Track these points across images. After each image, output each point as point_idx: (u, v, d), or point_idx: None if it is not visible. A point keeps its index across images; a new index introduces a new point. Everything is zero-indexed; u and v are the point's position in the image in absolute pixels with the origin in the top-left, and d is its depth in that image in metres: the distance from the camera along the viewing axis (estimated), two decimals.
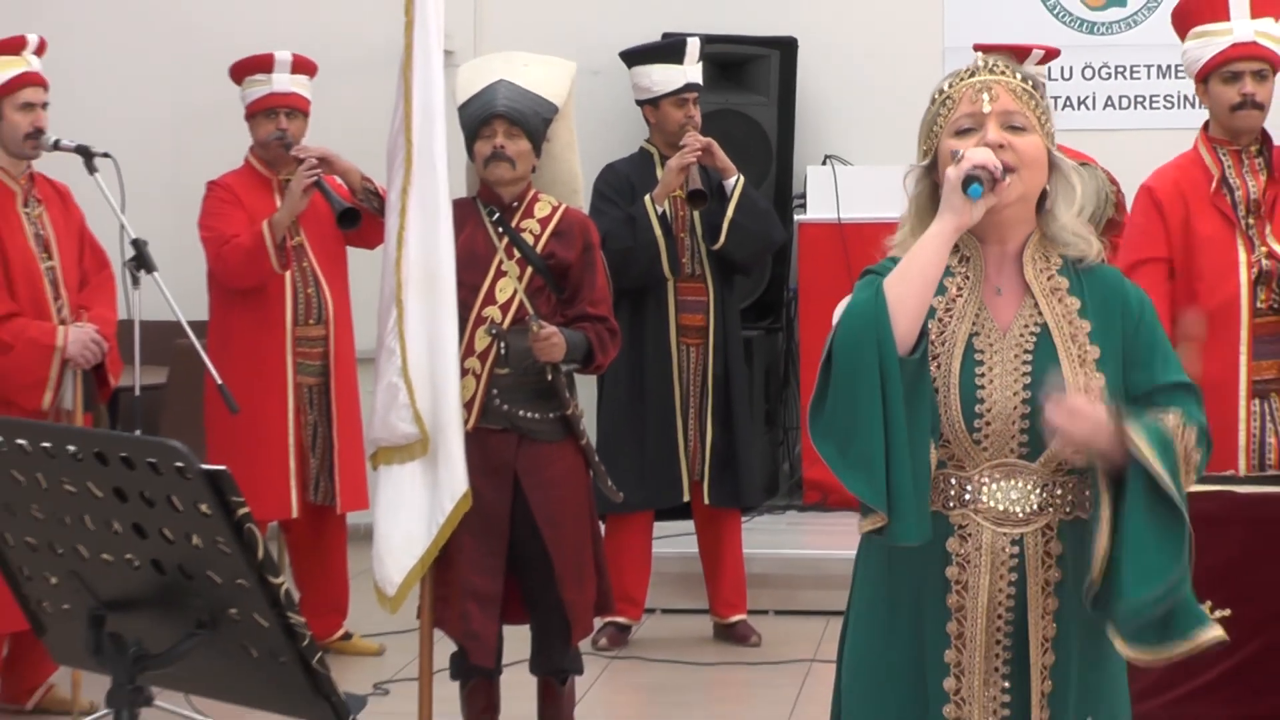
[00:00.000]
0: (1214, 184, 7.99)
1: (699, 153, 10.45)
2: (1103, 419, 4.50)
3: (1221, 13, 8.02)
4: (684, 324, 10.69)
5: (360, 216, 10.07)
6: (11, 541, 4.23)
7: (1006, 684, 4.67)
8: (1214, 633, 4.67)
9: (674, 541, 11.31)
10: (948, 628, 4.67)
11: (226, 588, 3.97)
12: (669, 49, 10.88)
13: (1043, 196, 4.73)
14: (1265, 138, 8.02)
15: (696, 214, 10.57)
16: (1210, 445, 4.74)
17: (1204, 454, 4.69)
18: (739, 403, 10.81)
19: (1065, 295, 4.70)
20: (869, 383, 4.47)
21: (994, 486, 4.64)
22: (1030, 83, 4.75)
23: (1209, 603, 6.91)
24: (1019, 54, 10.57)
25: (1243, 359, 7.93)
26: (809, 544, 11.93)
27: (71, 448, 3.98)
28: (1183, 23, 8.19)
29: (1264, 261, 7.86)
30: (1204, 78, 8.03)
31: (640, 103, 10.84)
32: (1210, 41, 8.03)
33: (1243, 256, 7.90)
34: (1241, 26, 7.99)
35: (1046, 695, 4.65)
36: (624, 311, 10.16)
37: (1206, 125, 8.09)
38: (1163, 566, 4.53)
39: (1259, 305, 7.88)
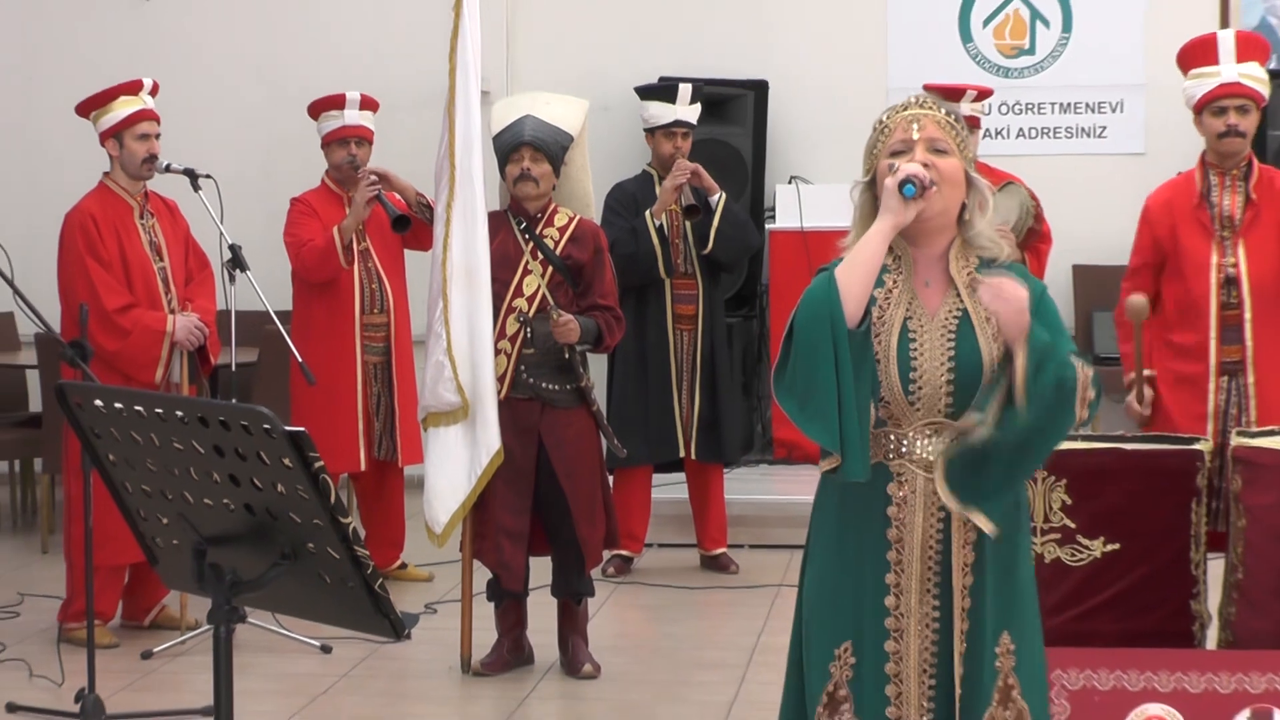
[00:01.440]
0: (1197, 199, 8.01)
1: (688, 176, 10.47)
2: (1024, 302, 4.54)
3: (1213, 58, 8.07)
4: (678, 313, 10.70)
5: (410, 222, 10.11)
6: (131, 489, 4.24)
7: (935, 601, 4.67)
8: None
9: (669, 489, 11.28)
10: (888, 556, 4.68)
11: (305, 526, 3.98)
12: (665, 90, 10.88)
13: (963, 209, 4.74)
14: (1251, 163, 8.05)
15: (689, 227, 10.57)
16: (1101, 392, 4.75)
17: (1097, 394, 4.69)
18: (722, 377, 10.81)
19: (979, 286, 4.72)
20: (824, 350, 4.50)
21: (925, 441, 4.66)
22: (952, 116, 4.77)
23: (1101, 538, 6.96)
24: (957, 93, 10.58)
25: (1212, 344, 7.96)
26: (778, 491, 11.91)
27: (179, 413, 3.99)
28: (1184, 65, 8.23)
29: (1230, 269, 7.89)
30: (1198, 110, 8.07)
31: (646, 130, 10.85)
32: (1203, 81, 8.06)
33: (1214, 261, 7.93)
34: (1229, 69, 8.03)
35: (966, 610, 4.65)
36: (629, 302, 10.15)
37: (1204, 152, 8.12)
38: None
39: (1227, 301, 7.92)
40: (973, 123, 10.62)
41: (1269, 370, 7.93)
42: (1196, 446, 7.12)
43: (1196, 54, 8.16)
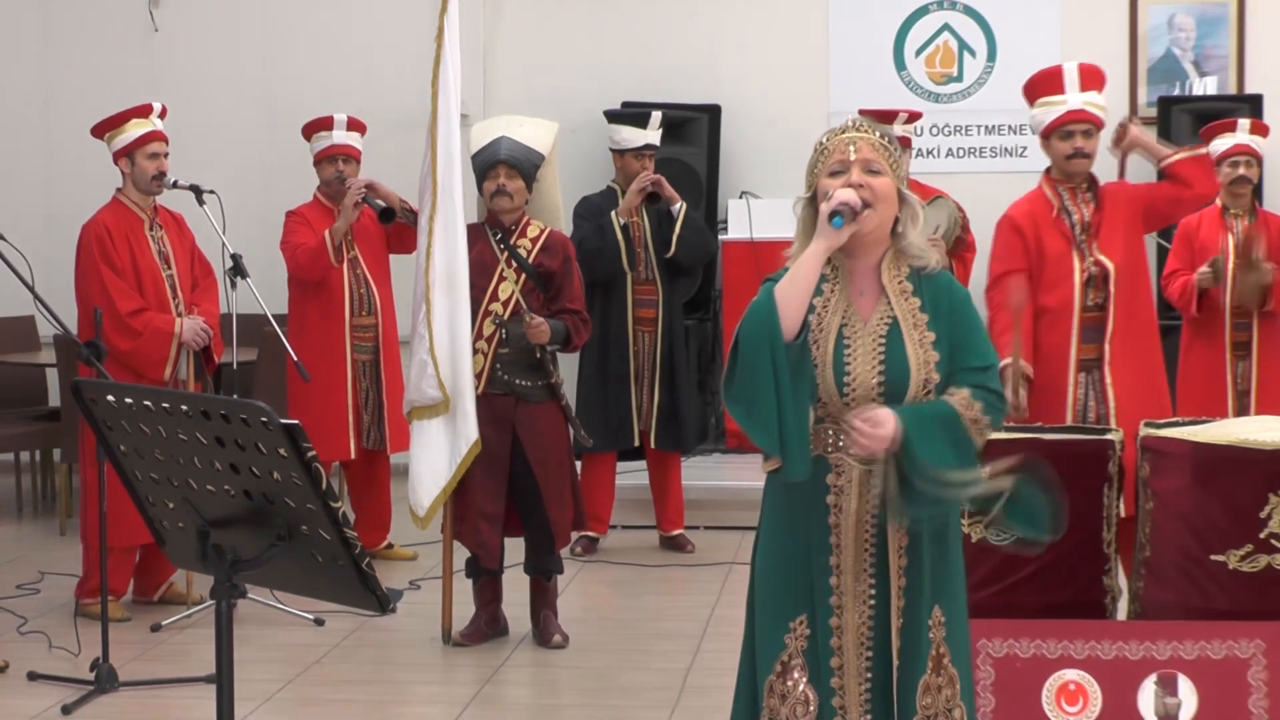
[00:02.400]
0: (1055, 212, 8.03)
1: (653, 181, 10.50)
2: (889, 435, 4.59)
3: (1059, 87, 8.09)
4: (640, 316, 10.70)
5: (395, 215, 10.21)
6: (140, 477, 4.24)
7: (872, 580, 4.68)
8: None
9: (631, 475, 11.27)
10: (829, 540, 4.69)
11: (299, 510, 3.98)
12: (638, 117, 10.91)
13: (896, 222, 4.76)
14: (1093, 178, 8.08)
15: (650, 233, 10.60)
16: (1002, 408, 4.78)
17: (994, 416, 4.76)
18: (680, 373, 10.81)
19: (910, 295, 4.72)
20: (765, 364, 4.51)
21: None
22: (886, 138, 4.78)
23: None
24: (890, 115, 10.62)
25: (1073, 343, 7.98)
26: (730, 477, 11.91)
27: (184, 407, 4.00)
28: (1031, 94, 8.24)
29: (1092, 269, 7.91)
30: (1046, 135, 8.09)
31: (612, 151, 10.86)
32: (1051, 109, 8.08)
33: (1077, 265, 7.95)
34: (1074, 97, 8.05)
35: (902, 588, 4.67)
36: (595, 306, 10.18)
37: (1049, 170, 8.13)
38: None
39: (1088, 303, 7.94)
40: (904, 143, 10.67)
41: (1123, 363, 7.95)
42: (1108, 436, 7.15)
43: (1044, 85, 8.20)
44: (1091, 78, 8.17)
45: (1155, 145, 8.19)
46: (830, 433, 4.69)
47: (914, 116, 11.04)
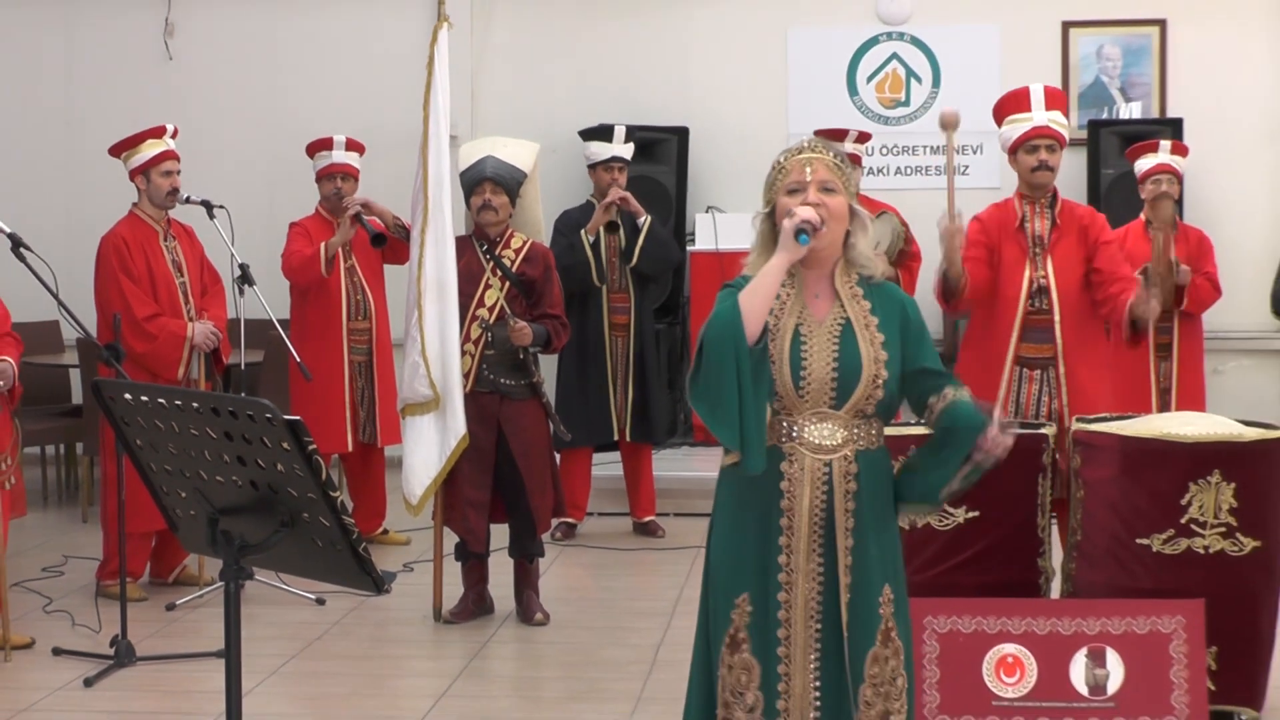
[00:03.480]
0: (1017, 223, 8.04)
1: (620, 200, 10.51)
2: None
3: (1025, 106, 8.09)
4: (614, 321, 10.70)
5: (386, 239, 10.20)
6: (155, 468, 4.24)
7: (821, 560, 4.68)
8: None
9: (606, 466, 11.29)
10: (781, 523, 4.68)
11: (301, 499, 3.97)
12: (604, 131, 10.91)
13: (847, 234, 4.76)
14: (1055, 194, 8.08)
15: (622, 244, 10.61)
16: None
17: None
18: (651, 373, 10.81)
19: (861, 300, 4.73)
20: (729, 365, 4.50)
21: (812, 427, 4.66)
22: (840, 158, 4.78)
23: (964, 507, 6.98)
24: (841, 134, 10.65)
25: (1011, 344, 7.98)
26: (698, 467, 11.90)
27: (195, 405, 3.99)
28: (999, 113, 8.24)
29: (1040, 280, 7.92)
30: (1013, 150, 8.09)
31: (589, 166, 10.87)
32: (1018, 126, 8.08)
33: (1027, 274, 7.95)
34: (1039, 115, 8.05)
35: (849, 567, 4.67)
36: (574, 312, 10.20)
37: (1019, 186, 8.14)
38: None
39: (1031, 307, 7.95)
40: (854, 160, 10.69)
41: (1076, 364, 7.97)
42: (1043, 431, 7.16)
43: (1011, 104, 8.21)
44: (1055, 99, 8.19)
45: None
46: (785, 424, 4.69)
47: (864, 137, 11.07)
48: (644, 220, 10.66)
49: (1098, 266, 7.99)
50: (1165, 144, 10.67)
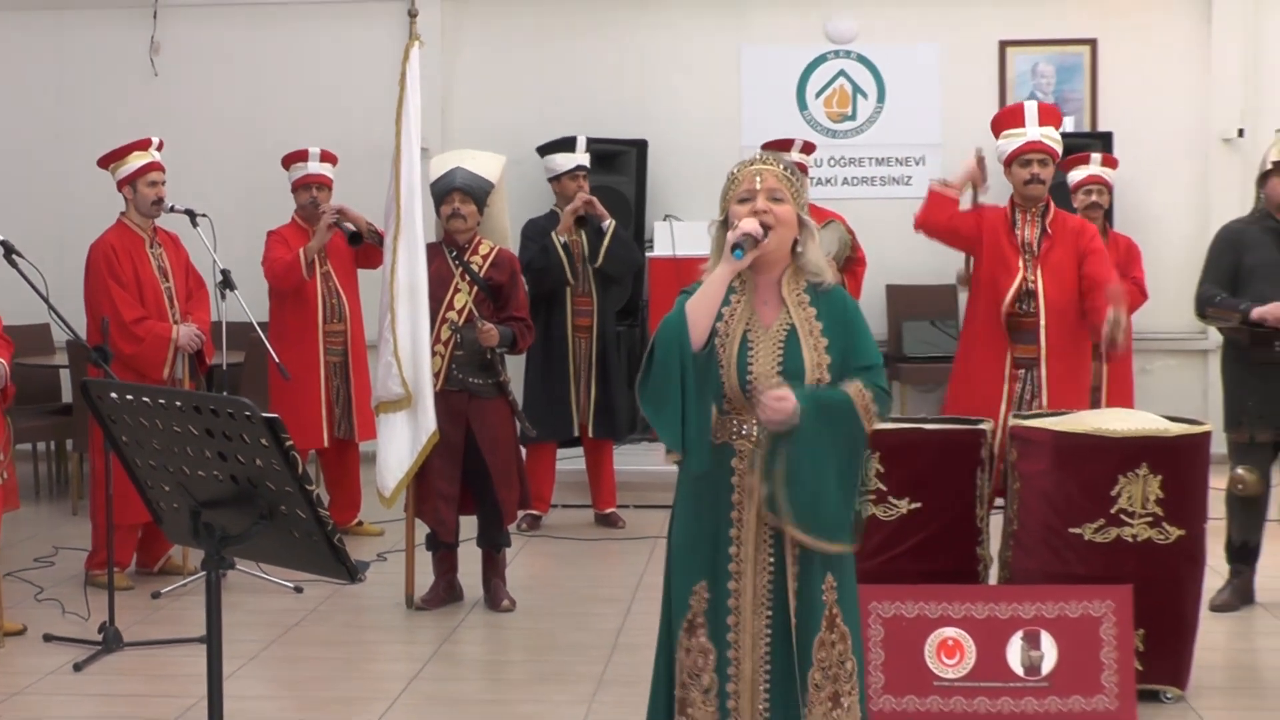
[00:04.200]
0: (1008, 228, 8.04)
1: (586, 203, 10.52)
2: (790, 407, 4.58)
3: (1020, 122, 8.11)
4: (577, 324, 10.70)
5: (362, 238, 10.20)
6: (140, 464, 4.22)
7: (771, 549, 4.69)
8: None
9: (570, 461, 11.29)
10: (732, 515, 4.69)
11: (278, 492, 3.97)
12: (566, 142, 10.92)
13: (795, 242, 4.77)
14: (1048, 204, 8.09)
15: (586, 249, 10.61)
16: (888, 401, 4.79)
17: (881, 406, 4.75)
18: (612, 372, 10.80)
19: (807, 306, 4.73)
20: (674, 370, 4.52)
21: (759, 425, 4.68)
22: (789, 170, 4.79)
23: (907, 498, 6.99)
24: (787, 144, 10.67)
25: (1008, 342, 8.00)
26: (656, 462, 11.89)
27: (178, 403, 3.99)
28: (996, 127, 8.27)
29: (1029, 284, 7.93)
30: (1008, 164, 8.11)
31: (550, 179, 10.87)
32: (1012, 140, 8.10)
33: (1018, 276, 7.96)
34: (1033, 130, 8.08)
35: (796, 556, 4.68)
36: (539, 315, 10.22)
37: (1013, 195, 8.14)
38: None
39: (1018, 309, 7.94)
40: (800, 169, 10.69)
41: (1056, 366, 7.97)
42: (980, 426, 7.19)
43: (1007, 119, 8.23)
44: (1048, 115, 8.21)
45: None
46: (734, 422, 4.69)
47: (809, 147, 11.08)
48: (609, 224, 10.66)
49: (1086, 273, 8.01)
50: (1096, 156, 10.72)
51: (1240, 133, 13.33)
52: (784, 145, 10.68)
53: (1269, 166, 8.66)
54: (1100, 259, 8.08)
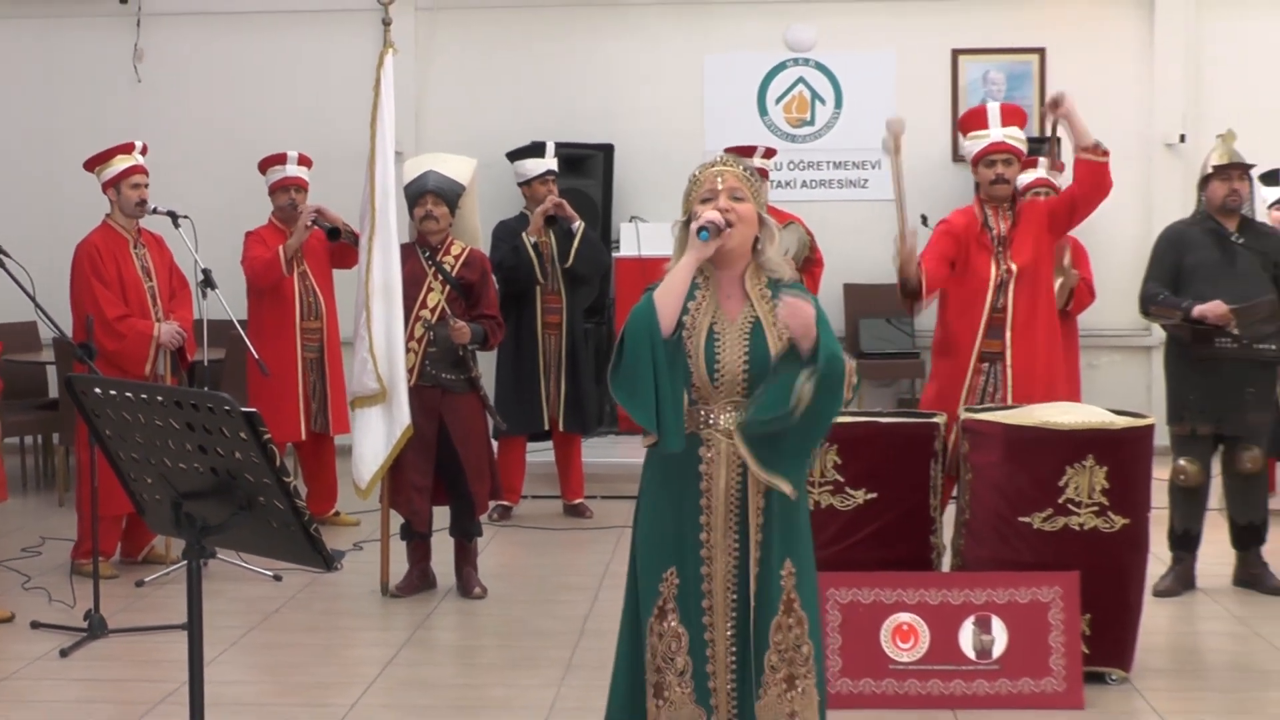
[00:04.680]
0: (980, 227, 8.02)
1: (556, 205, 10.52)
2: (811, 317, 4.59)
3: (984, 123, 8.08)
4: (547, 321, 10.69)
5: (341, 233, 10.19)
6: (123, 456, 4.21)
7: (736, 536, 4.69)
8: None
9: (540, 454, 11.29)
10: (700, 503, 4.69)
11: (257, 484, 3.96)
12: (536, 148, 10.90)
13: (756, 241, 4.78)
14: (1014, 199, 8.07)
15: (556, 249, 10.61)
16: (861, 379, 4.82)
17: (858, 380, 4.77)
18: (581, 368, 10.80)
19: (769, 300, 4.74)
20: (645, 356, 4.53)
21: (726, 415, 4.67)
22: (748, 171, 4.79)
23: (863, 489, 7.00)
24: (749, 150, 10.65)
25: (978, 338, 7.99)
26: (622, 454, 11.91)
27: (160, 398, 3.98)
28: (963, 128, 8.26)
29: (1005, 275, 7.91)
30: (975, 164, 8.09)
31: (520, 184, 10.86)
32: (978, 141, 8.07)
33: (993, 271, 7.93)
34: (996, 132, 8.05)
35: (759, 542, 4.68)
36: (510, 313, 10.22)
37: (978, 192, 8.12)
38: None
39: (996, 305, 7.92)
40: (762, 173, 10.70)
41: (1020, 358, 7.96)
42: (934, 420, 7.20)
43: (972, 121, 8.21)
44: (1012, 115, 8.19)
45: (1080, 129, 8.01)
46: (702, 413, 4.70)
47: (770, 152, 11.06)
48: (578, 226, 10.65)
49: (1054, 206, 8.10)
50: (1044, 161, 10.73)
51: (1182, 138, 13.39)
52: (747, 152, 10.67)
53: (1209, 170, 8.70)
54: (1056, 196, 8.20)
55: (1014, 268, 7.95)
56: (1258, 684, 7.10)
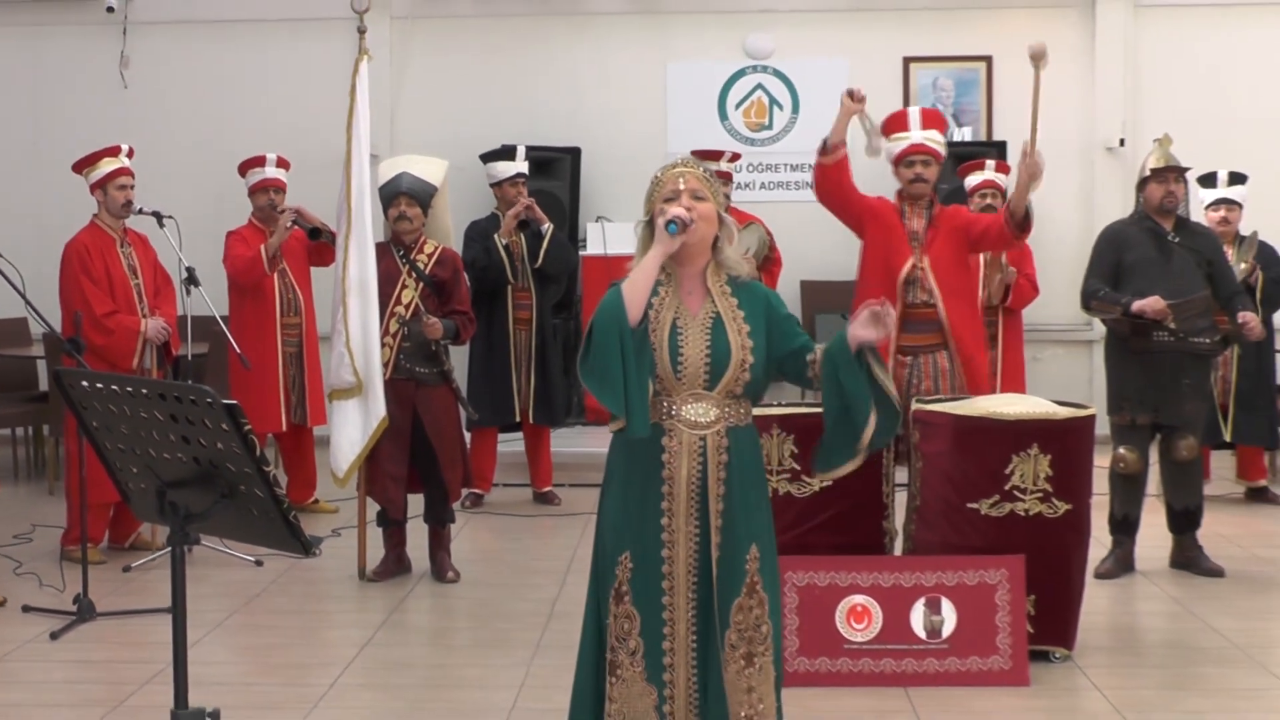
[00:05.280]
0: (897, 221, 8.01)
1: (526, 207, 10.51)
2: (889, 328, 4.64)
3: (905, 126, 8.02)
4: (518, 317, 10.68)
5: (321, 233, 10.13)
6: (109, 447, 4.19)
7: (697, 521, 4.69)
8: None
9: (511, 444, 11.27)
10: (663, 490, 4.68)
11: (238, 473, 3.95)
12: (507, 151, 10.89)
13: (716, 239, 4.78)
14: (933, 199, 8.04)
15: (526, 250, 10.60)
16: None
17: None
18: (550, 362, 10.79)
19: (730, 296, 4.73)
20: (614, 344, 4.51)
21: (689, 407, 4.66)
22: (708, 173, 4.79)
23: (817, 478, 7.01)
24: (717, 155, 10.66)
25: (894, 333, 7.99)
26: (589, 444, 11.88)
27: (144, 391, 3.97)
28: (886, 131, 8.17)
29: (916, 272, 7.87)
30: (896, 164, 8.06)
31: (491, 185, 10.85)
32: (898, 143, 8.02)
33: (907, 264, 7.88)
34: (916, 134, 8.00)
35: (719, 528, 4.67)
36: (482, 309, 10.19)
37: (899, 191, 8.08)
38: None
39: (915, 300, 7.86)
40: (726, 176, 10.71)
41: (963, 346, 7.95)
42: None
43: (894, 124, 8.18)
44: (930, 119, 8.17)
45: (1024, 195, 7.75)
46: (665, 404, 4.69)
47: (734, 156, 11.09)
48: (547, 227, 10.65)
49: (983, 224, 8.01)
50: (991, 163, 10.78)
51: (1121, 142, 13.46)
52: (714, 156, 10.69)
53: (1147, 173, 8.73)
54: (984, 218, 8.14)
55: (926, 269, 7.94)
56: (1193, 661, 7.13)
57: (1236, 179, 10.58)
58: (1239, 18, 13.57)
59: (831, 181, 7.86)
